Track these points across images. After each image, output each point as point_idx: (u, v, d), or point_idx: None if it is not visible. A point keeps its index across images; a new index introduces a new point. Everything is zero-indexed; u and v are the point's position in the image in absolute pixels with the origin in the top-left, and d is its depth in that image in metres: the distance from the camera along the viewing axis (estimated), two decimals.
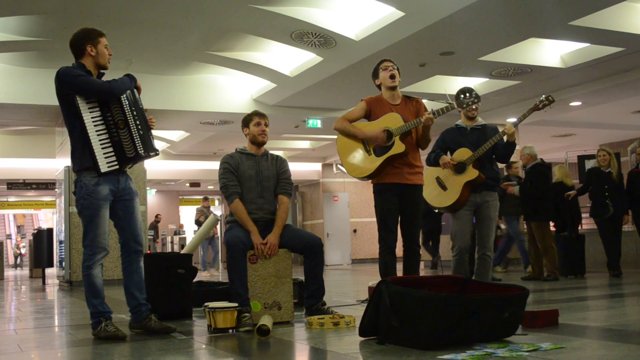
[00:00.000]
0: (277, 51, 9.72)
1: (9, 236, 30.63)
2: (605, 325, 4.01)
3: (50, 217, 28.29)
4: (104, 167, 3.91)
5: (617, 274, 8.44)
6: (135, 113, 4.05)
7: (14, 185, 19.20)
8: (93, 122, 3.92)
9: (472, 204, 5.22)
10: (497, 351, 3.01)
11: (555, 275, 8.20)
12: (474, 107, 5.24)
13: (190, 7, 7.74)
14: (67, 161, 10.72)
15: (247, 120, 4.87)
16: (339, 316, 4.28)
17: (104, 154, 3.92)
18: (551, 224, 8.80)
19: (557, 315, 4.04)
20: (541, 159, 8.54)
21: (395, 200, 4.71)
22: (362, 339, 3.58)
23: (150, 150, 4.08)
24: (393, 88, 4.79)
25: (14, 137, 15.30)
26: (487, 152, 5.20)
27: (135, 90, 4.14)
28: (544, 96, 5.21)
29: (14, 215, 32.84)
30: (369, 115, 4.80)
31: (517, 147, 13.21)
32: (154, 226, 20.40)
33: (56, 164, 12.48)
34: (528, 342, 3.28)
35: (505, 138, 5.21)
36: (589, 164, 10.90)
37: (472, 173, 5.13)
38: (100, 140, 3.92)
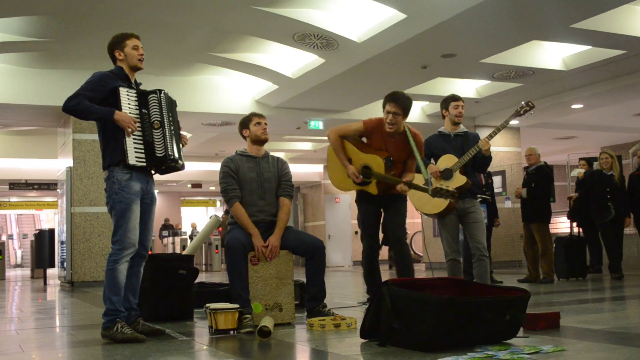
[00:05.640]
0: (279, 53, 9.72)
1: (10, 236, 30.60)
2: (607, 328, 4.00)
3: (52, 217, 28.31)
4: (132, 160, 3.94)
5: (618, 276, 8.43)
6: (171, 119, 4.15)
7: (15, 185, 19.22)
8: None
9: (456, 210, 5.24)
10: (498, 353, 3.01)
11: (551, 277, 8.24)
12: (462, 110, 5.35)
13: (193, 9, 7.75)
14: (69, 162, 10.72)
15: (245, 121, 4.87)
16: (340, 318, 4.28)
17: (135, 148, 3.97)
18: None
19: (559, 317, 4.04)
20: (544, 161, 8.55)
21: (373, 208, 5.05)
22: (363, 340, 3.58)
23: (179, 157, 4.12)
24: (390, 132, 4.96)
25: (16, 138, 15.31)
26: (469, 160, 5.23)
27: (174, 104, 4.25)
28: (523, 102, 5.25)
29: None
30: (365, 136, 5.11)
31: (521, 149, 13.34)
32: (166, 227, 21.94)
33: (58, 164, 12.48)
34: (529, 344, 3.29)
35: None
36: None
37: (460, 179, 5.11)
38: (133, 135, 3.96)
